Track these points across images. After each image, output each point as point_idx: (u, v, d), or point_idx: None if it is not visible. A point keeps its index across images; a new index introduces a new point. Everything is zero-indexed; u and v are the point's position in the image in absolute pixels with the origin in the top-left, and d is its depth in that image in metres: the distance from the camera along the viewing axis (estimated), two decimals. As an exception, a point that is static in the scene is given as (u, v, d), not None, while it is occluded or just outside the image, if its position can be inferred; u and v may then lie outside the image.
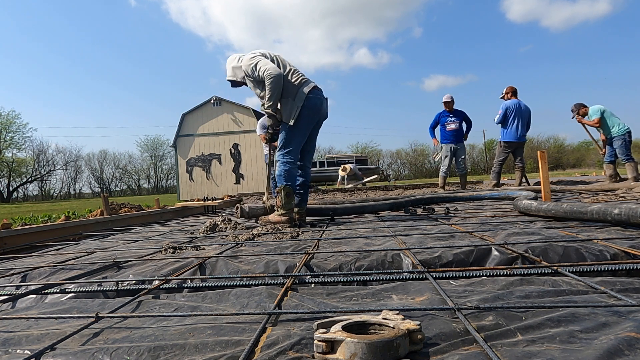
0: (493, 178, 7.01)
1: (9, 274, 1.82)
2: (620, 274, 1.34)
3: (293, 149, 3.00)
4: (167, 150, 55.45)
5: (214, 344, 0.88)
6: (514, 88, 6.89)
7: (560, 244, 1.61)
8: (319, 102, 2.99)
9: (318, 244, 2.07)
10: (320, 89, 3.04)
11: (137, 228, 3.84)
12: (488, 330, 0.88)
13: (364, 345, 0.73)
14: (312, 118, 3.01)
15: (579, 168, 42.92)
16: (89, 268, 1.79)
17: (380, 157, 58.14)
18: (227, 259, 1.76)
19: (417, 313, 1.00)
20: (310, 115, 2.97)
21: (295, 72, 3.01)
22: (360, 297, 1.19)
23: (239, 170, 19.65)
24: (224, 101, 19.80)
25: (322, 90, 3.07)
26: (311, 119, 3.01)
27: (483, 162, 55.59)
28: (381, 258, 1.62)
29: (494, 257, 1.58)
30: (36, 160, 46.96)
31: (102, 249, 2.40)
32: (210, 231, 2.92)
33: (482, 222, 2.64)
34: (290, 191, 2.99)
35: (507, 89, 6.90)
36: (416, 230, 2.38)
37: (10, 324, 1.13)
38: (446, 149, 7.41)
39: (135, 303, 1.25)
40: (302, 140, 3.05)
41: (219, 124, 19.72)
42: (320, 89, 3.05)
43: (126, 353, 0.86)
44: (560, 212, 2.42)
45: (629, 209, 1.97)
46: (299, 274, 1.47)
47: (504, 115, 6.73)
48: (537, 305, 0.98)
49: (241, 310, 1.11)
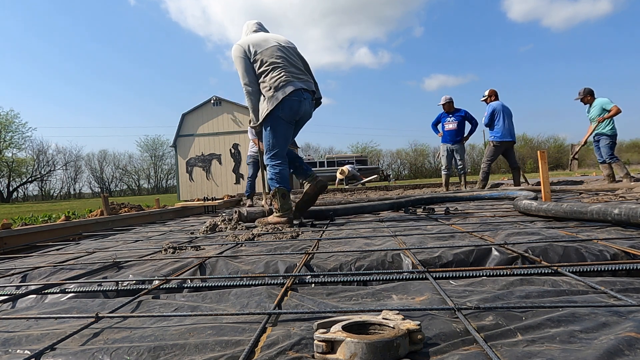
0: (483, 179, 6.95)
1: (9, 274, 1.82)
2: (620, 274, 1.34)
3: (279, 151, 3.02)
4: (167, 150, 55.44)
5: (214, 344, 0.88)
6: (495, 91, 6.98)
7: (560, 244, 1.61)
8: (296, 105, 2.93)
9: (318, 244, 2.07)
10: (302, 90, 2.94)
11: (137, 228, 3.84)
12: (488, 330, 0.88)
13: (364, 345, 0.73)
14: (290, 120, 3.01)
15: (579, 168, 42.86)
16: (89, 268, 1.79)
17: (380, 157, 58.10)
18: (227, 259, 1.76)
19: (417, 313, 1.00)
20: (286, 118, 2.96)
21: (276, 70, 2.92)
22: (360, 297, 1.20)
23: (239, 170, 19.65)
24: (224, 101, 19.81)
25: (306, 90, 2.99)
26: (289, 121, 3.00)
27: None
28: (381, 258, 1.62)
29: (494, 257, 1.58)
30: (36, 160, 46.98)
31: (102, 249, 2.40)
32: (210, 231, 2.92)
33: (482, 222, 2.64)
34: (285, 192, 2.99)
35: (489, 92, 6.97)
36: (416, 230, 2.38)
37: (10, 324, 1.13)
38: (443, 148, 7.46)
39: (135, 303, 1.25)
40: (285, 140, 3.04)
41: (219, 124, 19.72)
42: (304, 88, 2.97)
43: (126, 353, 0.86)
44: (560, 212, 2.42)
45: (629, 209, 1.97)
46: (299, 274, 1.47)
47: (491, 117, 6.82)
48: (537, 305, 0.98)
49: (241, 310, 1.11)
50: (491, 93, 6.92)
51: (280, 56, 2.99)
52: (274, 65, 2.94)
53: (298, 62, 3.09)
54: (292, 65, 3.01)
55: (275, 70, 2.93)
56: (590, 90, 6.59)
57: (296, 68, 3.03)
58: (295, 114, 2.98)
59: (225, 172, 19.75)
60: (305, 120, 3.18)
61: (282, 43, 3.07)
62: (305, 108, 3.03)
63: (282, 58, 2.98)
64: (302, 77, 3.01)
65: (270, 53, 2.97)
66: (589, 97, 6.57)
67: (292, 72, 2.97)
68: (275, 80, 2.90)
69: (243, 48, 2.99)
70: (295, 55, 3.10)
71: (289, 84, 2.91)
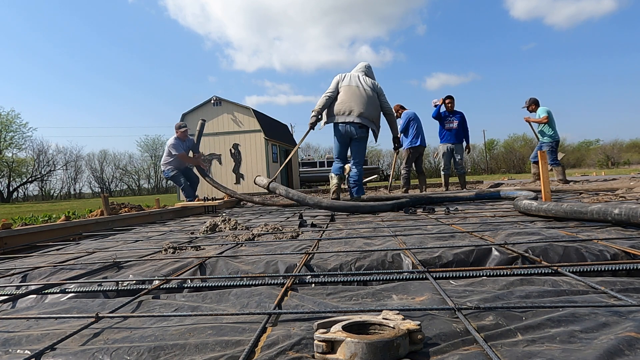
0: (405, 184, 7.47)
1: (9, 274, 1.82)
2: (621, 274, 1.34)
3: (337, 156, 4.75)
4: (167, 150, 55.34)
5: (214, 344, 0.88)
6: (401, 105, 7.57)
7: (561, 244, 1.61)
8: (342, 129, 4.50)
9: (318, 244, 2.07)
10: (345, 123, 4.45)
11: (137, 228, 3.84)
12: (488, 330, 0.88)
13: (364, 345, 0.73)
14: (340, 138, 4.58)
15: (579, 168, 42.90)
16: (89, 268, 1.79)
17: (380, 157, 58.04)
18: (227, 259, 1.76)
19: (417, 313, 1.00)
20: (338, 137, 4.59)
21: (340, 104, 4.46)
22: (360, 297, 1.20)
23: (239, 170, 19.64)
24: (224, 101, 19.78)
25: (352, 122, 4.43)
26: (340, 138, 4.59)
27: (483, 162, 55.57)
28: (381, 258, 1.62)
29: (494, 257, 1.58)
30: (36, 160, 46.95)
31: (102, 249, 2.40)
32: (210, 231, 2.92)
33: (482, 222, 2.64)
34: (333, 176, 4.70)
35: (395, 107, 7.39)
36: (416, 230, 2.38)
37: (10, 324, 1.13)
38: (443, 148, 7.52)
39: (135, 303, 1.25)
40: (341, 150, 4.67)
41: (219, 124, 19.70)
42: (348, 122, 4.43)
43: (126, 353, 0.86)
44: (560, 212, 2.42)
45: (629, 209, 1.97)
46: (299, 274, 1.47)
47: (406, 124, 7.25)
48: (537, 305, 0.98)
49: (241, 310, 1.12)
50: (398, 108, 7.48)
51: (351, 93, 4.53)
52: (340, 102, 4.52)
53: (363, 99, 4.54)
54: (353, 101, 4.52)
55: (339, 105, 4.52)
56: (535, 100, 7.65)
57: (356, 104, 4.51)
58: (343, 135, 4.58)
59: (225, 172, 19.73)
60: (354, 138, 4.61)
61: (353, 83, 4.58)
62: (350, 130, 4.51)
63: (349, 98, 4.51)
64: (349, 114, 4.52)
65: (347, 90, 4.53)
66: (534, 105, 7.62)
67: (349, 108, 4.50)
68: (338, 111, 4.57)
69: (341, 84, 4.59)
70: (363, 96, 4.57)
71: (344, 114, 4.50)
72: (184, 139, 6.90)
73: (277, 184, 4.24)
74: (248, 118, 19.53)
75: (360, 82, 4.48)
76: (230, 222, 3.17)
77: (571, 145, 55.95)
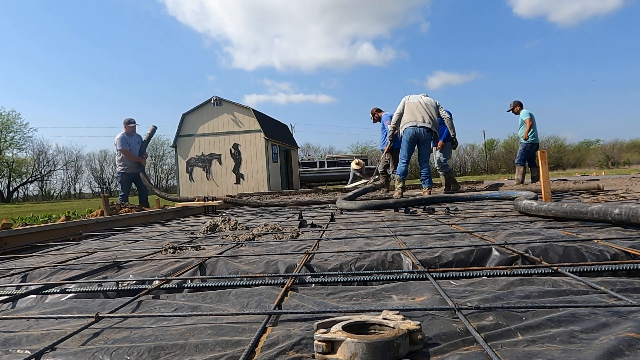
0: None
1: (9, 274, 1.82)
2: (621, 274, 1.34)
3: (403, 156, 5.55)
4: (167, 150, 55.34)
5: (214, 344, 0.88)
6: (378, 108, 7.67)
7: (561, 244, 1.61)
8: (412, 132, 5.39)
9: (318, 244, 2.07)
10: (415, 126, 5.37)
11: (137, 228, 3.84)
12: (488, 330, 0.88)
13: (364, 345, 0.73)
14: (408, 140, 5.45)
15: (579, 168, 42.88)
16: (89, 268, 1.79)
17: (380, 157, 57.95)
18: (227, 259, 1.76)
19: (418, 313, 1.00)
20: (406, 139, 5.46)
21: (409, 115, 5.47)
22: (360, 297, 1.20)
23: (239, 170, 19.64)
24: (224, 101, 19.78)
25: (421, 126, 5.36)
26: (408, 140, 5.45)
27: (483, 162, 55.55)
28: (381, 258, 1.62)
29: (494, 257, 1.58)
30: (36, 160, 46.91)
31: (103, 249, 2.40)
32: (211, 231, 2.92)
33: (482, 222, 2.64)
34: (398, 178, 5.58)
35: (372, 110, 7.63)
36: (416, 230, 2.38)
37: (10, 324, 1.13)
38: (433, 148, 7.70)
39: (135, 303, 1.25)
40: (407, 151, 5.51)
41: (219, 124, 19.70)
42: (418, 125, 5.36)
43: (126, 353, 0.86)
44: (560, 212, 2.42)
45: (629, 209, 1.97)
46: (299, 274, 1.47)
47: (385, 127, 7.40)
48: (538, 305, 0.98)
49: (241, 310, 1.12)
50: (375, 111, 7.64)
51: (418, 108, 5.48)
52: (409, 112, 5.50)
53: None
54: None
55: (407, 115, 5.51)
56: (519, 102, 7.73)
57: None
58: (411, 136, 5.44)
59: (225, 172, 19.73)
60: (422, 140, 5.46)
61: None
62: (418, 132, 5.39)
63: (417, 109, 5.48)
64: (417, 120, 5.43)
65: (415, 106, 5.50)
66: (518, 107, 7.71)
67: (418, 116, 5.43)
68: (406, 119, 5.55)
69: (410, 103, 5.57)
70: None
71: (412, 121, 5.43)
72: (131, 134, 6.83)
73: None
74: (248, 118, 19.53)
75: (421, 99, 5.68)
76: (230, 222, 3.17)
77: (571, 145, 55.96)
